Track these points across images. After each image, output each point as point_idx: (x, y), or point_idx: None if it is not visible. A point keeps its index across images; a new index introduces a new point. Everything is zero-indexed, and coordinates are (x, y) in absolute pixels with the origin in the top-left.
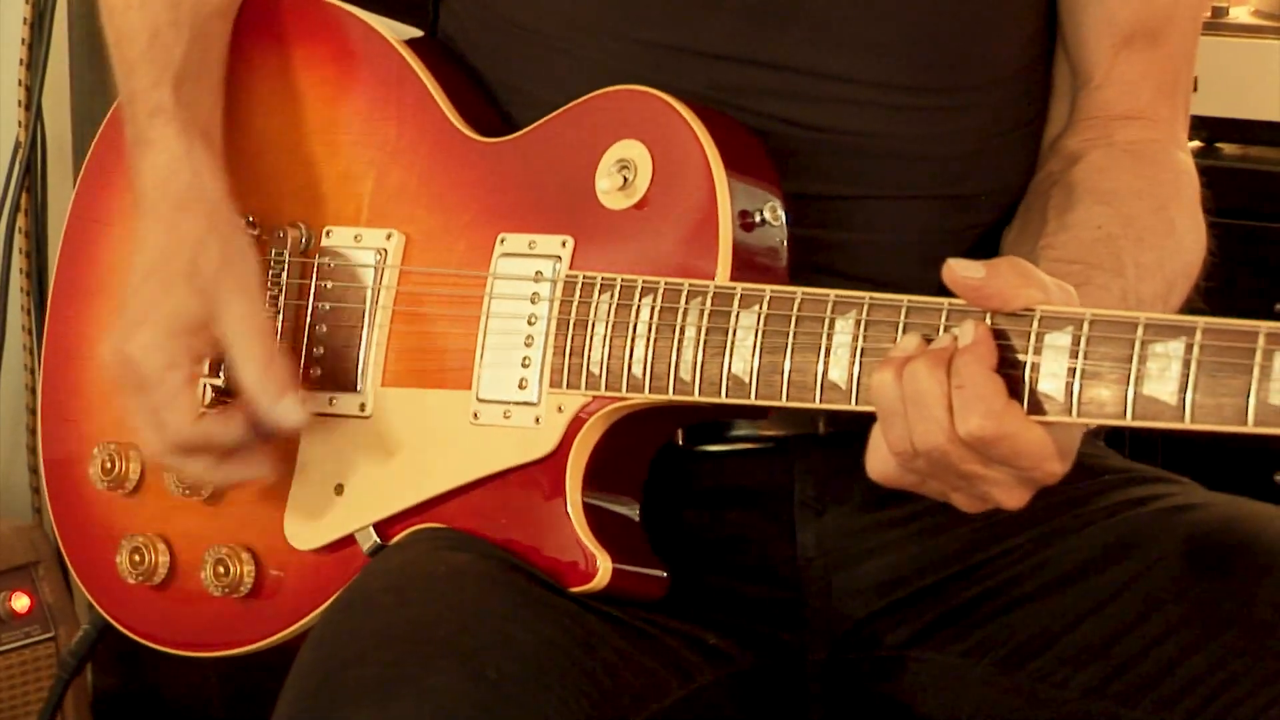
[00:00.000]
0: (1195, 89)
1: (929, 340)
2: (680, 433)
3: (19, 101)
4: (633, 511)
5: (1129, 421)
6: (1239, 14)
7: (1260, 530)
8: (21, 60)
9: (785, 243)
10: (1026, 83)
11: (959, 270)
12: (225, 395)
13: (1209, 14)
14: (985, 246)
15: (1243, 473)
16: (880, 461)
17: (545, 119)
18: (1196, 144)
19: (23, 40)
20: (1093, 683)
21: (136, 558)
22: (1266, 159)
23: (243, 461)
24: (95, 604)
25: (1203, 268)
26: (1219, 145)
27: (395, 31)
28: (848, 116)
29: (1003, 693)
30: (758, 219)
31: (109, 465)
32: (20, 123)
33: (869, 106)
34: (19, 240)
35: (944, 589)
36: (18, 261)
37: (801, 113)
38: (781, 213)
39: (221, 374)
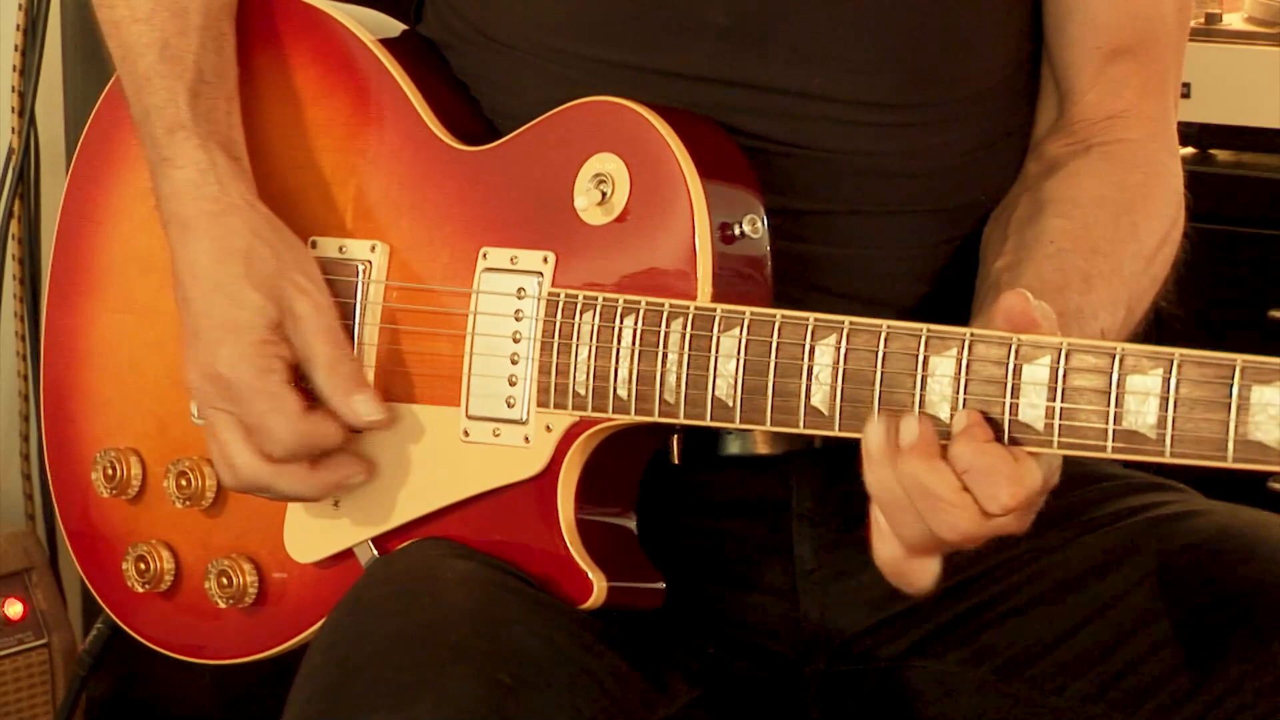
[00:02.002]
0: (1188, 95)
1: (895, 428)
2: (676, 453)
3: (12, 108)
4: (628, 522)
5: (1109, 455)
6: (1232, 20)
7: (1258, 538)
8: (15, 66)
9: (767, 254)
10: (1010, 94)
11: (1033, 303)
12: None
13: (1202, 20)
14: (971, 258)
15: (1239, 480)
16: (891, 553)
17: (523, 129)
18: (1190, 150)
19: (16, 46)
20: (1090, 690)
21: (142, 565)
22: (1260, 165)
23: (332, 467)
24: (107, 609)
25: (1174, 269)
26: (1212, 151)
27: (378, 24)
28: (830, 134)
29: (1000, 700)
30: (738, 232)
31: (110, 471)
32: (14, 129)
33: (851, 124)
34: (12, 247)
35: (941, 600)
36: (11, 268)
37: (783, 131)
38: (761, 224)
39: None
